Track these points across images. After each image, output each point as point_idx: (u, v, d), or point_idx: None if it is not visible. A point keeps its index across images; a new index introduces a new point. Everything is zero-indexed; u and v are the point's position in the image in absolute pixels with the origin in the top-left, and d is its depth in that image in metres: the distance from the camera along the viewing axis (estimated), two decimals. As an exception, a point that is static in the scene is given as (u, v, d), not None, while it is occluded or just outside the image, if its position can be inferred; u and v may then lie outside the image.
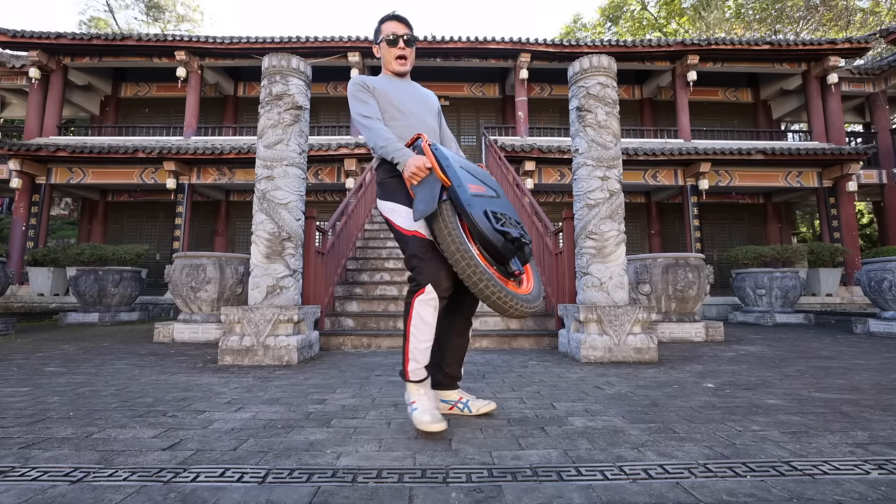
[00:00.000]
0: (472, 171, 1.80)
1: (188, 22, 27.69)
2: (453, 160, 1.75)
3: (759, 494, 1.18)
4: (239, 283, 5.32)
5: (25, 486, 1.22)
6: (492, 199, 1.72)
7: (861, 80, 11.74)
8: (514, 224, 1.67)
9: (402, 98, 2.01)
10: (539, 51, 10.82)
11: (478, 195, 1.68)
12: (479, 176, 1.80)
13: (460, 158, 1.83)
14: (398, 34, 1.99)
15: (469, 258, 1.61)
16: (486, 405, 1.95)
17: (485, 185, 1.76)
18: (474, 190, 1.68)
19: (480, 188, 1.72)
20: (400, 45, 2.00)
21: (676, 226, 12.19)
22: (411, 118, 2.00)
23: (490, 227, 1.61)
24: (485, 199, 1.69)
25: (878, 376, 2.90)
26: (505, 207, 1.73)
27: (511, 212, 1.74)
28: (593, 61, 4.00)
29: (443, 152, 1.77)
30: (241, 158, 9.74)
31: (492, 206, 1.68)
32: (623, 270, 3.84)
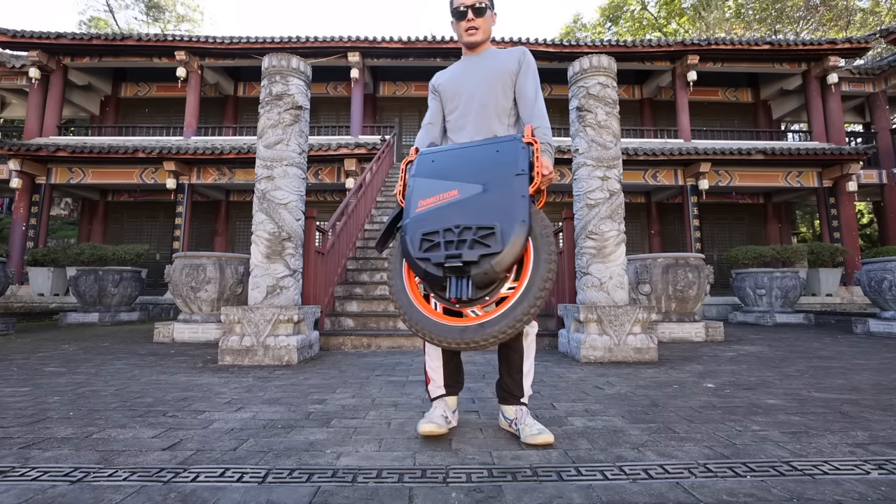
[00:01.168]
0: (452, 170, 1.57)
1: (188, 22, 27.70)
2: (429, 168, 1.59)
3: (759, 494, 1.18)
4: (239, 283, 5.32)
5: (25, 486, 1.22)
6: (453, 206, 1.47)
7: (861, 80, 11.74)
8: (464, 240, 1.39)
9: (463, 80, 1.88)
10: (539, 51, 10.81)
11: (427, 212, 1.48)
12: (459, 173, 1.54)
13: (451, 153, 1.62)
14: (466, 4, 1.82)
15: (393, 287, 1.54)
16: (541, 435, 1.57)
17: (458, 185, 1.50)
18: (427, 205, 1.50)
19: (441, 196, 1.50)
20: (469, 17, 1.82)
21: (676, 226, 12.19)
22: (463, 100, 1.86)
23: (412, 253, 1.44)
24: (440, 211, 1.47)
25: (878, 376, 2.90)
26: (479, 207, 1.44)
27: (494, 209, 1.42)
28: (593, 61, 4.00)
29: (422, 162, 1.64)
30: (241, 158, 9.74)
31: (442, 220, 1.44)
32: (623, 270, 3.84)
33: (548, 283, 1.38)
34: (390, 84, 12.70)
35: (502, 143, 1.56)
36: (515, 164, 1.47)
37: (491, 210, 1.42)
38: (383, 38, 10.64)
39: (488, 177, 1.48)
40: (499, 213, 1.40)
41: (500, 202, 1.42)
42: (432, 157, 1.64)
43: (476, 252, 1.35)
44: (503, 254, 1.34)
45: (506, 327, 1.35)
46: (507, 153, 1.51)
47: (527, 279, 1.40)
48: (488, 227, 1.38)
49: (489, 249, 1.35)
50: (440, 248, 1.40)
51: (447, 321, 1.43)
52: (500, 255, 1.34)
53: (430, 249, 1.41)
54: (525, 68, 1.85)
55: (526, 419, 1.67)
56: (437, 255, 1.39)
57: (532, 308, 1.35)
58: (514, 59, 1.85)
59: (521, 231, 1.36)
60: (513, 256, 1.36)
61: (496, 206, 1.42)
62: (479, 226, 1.39)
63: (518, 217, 1.38)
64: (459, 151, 1.61)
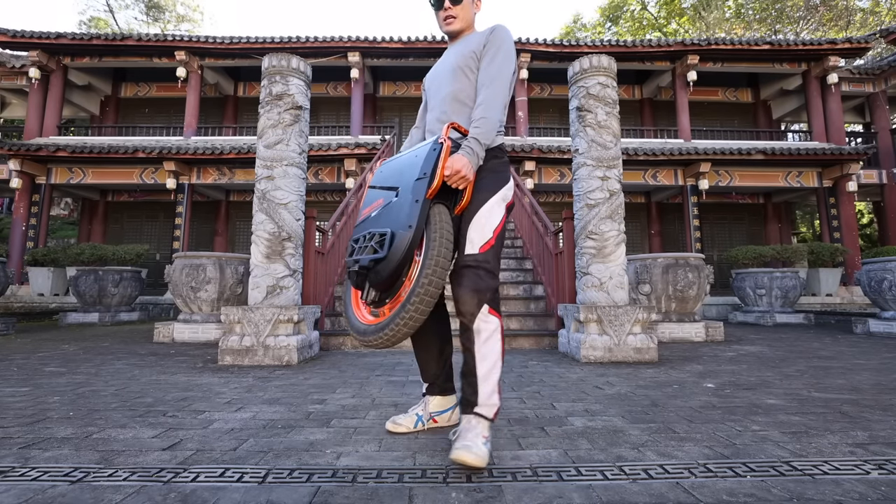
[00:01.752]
0: (386, 178, 1.61)
1: (188, 22, 27.70)
2: (378, 178, 1.66)
3: (759, 494, 1.18)
4: (239, 283, 5.32)
5: (25, 486, 1.22)
6: (377, 214, 1.53)
7: (861, 80, 11.74)
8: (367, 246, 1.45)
9: (436, 71, 1.79)
10: (539, 51, 10.81)
11: (363, 220, 1.57)
12: (391, 178, 1.59)
13: (393, 162, 1.66)
14: None
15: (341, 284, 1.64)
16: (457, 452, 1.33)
17: (384, 193, 1.56)
18: (365, 214, 1.58)
19: (374, 206, 1.56)
20: (446, 6, 1.70)
21: (676, 226, 12.19)
22: (432, 93, 1.78)
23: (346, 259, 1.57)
24: (369, 219, 1.54)
25: (878, 376, 2.90)
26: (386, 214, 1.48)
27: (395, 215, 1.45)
28: (593, 61, 4.00)
29: (377, 171, 1.68)
30: (241, 158, 9.74)
31: (370, 226, 1.51)
32: (623, 270, 3.84)
33: (424, 290, 1.36)
34: (390, 84, 12.70)
35: (422, 147, 1.56)
36: (418, 169, 1.48)
37: (391, 216, 1.46)
38: (383, 38, 10.64)
39: (401, 182, 1.51)
40: (394, 219, 1.44)
41: (399, 208, 1.45)
42: (382, 167, 1.69)
43: (368, 258, 1.42)
44: (387, 259, 1.38)
45: (389, 331, 1.38)
46: (419, 157, 1.52)
47: (412, 283, 1.41)
48: (382, 233, 1.43)
49: (377, 255, 1.40)
50: (353, 254, 1.51)
51: (363, 321, 1.52)
52: (384, 261, 1.38)
53: (349, 255, 1.53)
54: (489, 47, 1.63)
55: (465, 429, 1.42)
56: (349, 261, 1.51)
57: (408, 313, 1.35)
58: (482, 39, 1.66)
59: (404, 236, 1.37)
60: (396, 261, 1.37)
61: (395, 212, 1.46)
62: (378, 232, 1.45)
63: (405, 222, 1.39)
64: (398, 160, 1.64)
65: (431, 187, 1.43)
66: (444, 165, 1.46)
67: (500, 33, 1.65)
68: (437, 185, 1.44)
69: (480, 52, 1.64)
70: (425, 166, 1.46)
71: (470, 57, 1.65)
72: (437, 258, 1.39)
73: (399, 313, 1.38)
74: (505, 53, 1.62)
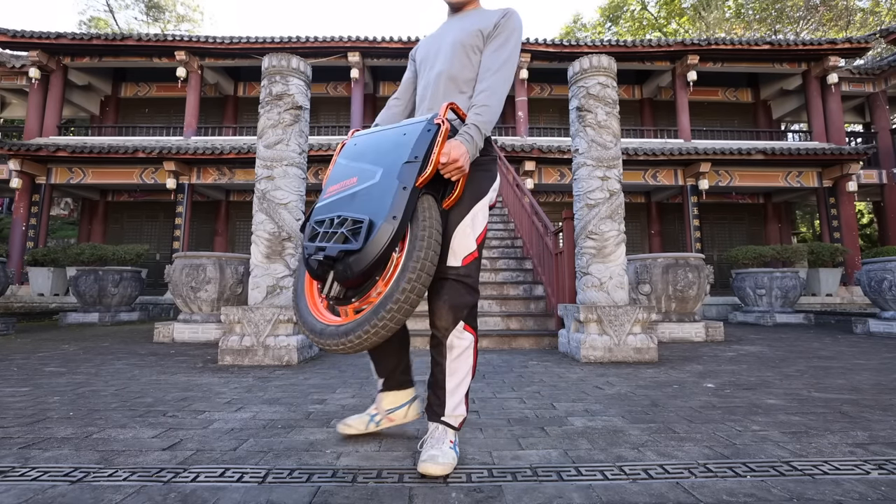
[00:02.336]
0: (362, 154, 1.41)
1: (188, 22, 27.70)
2: (349, 151, 1.46)
3: (759, 494, 1.18)
4: (239, 283, 5.32)
5: (25, 486, 1.22)
6: (348, 195, 1.32)
7: (861, 80, 11.74)
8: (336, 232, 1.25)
9: (434, 43, 1.61)
10: (539, 51, 10.82)
11: (329, 199, 1.35)
12: (365, 158, 1.39)
13: (371, 136, 1.46)
14: None
15: (296, 272, 1.43)
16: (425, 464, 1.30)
17: (360, 171, 1.36)
18: (332, 192, 1.36)
19: (344, 184, 1.36)
20: None
21: (676, 226, 12.19)
22: (426, 68, 1.61)
23: (303, 242, 1.34)
24: (338, 199, 1.33)
25: (878, 376, 2.90)
26: (364, 198, 1.29)
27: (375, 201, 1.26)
28: (593, 61, 4.00)
29: (349, 144, 1.49)
30: (241, 158, 9.74)
31: (339, 208, 1.31)
32: (623, 270, 3.84)
33: (404, 296, 1.19)
34: (390, 84, 12.69)
35: (412, 124, 1.37)
36: (409, 150, 1.29)
37: (371, 202, 1.26)
38: (383, 38, 10.64)
39: (385, 163, 1.32)
40: (375, 205, 1.24)
41: (381, 193, 1.26)
42: (357, 139, 1.48)
43: (338, 247, 1.21)
44: (361, 252, 1.19)
45: (355, 338, 1.21)
46: (409, 136, 1.33)
47: (389, 286, 1.23)
48: (359, 220, 1.23)
49: (349, 246, 1.20)
50: (316, 239, 1.29)
51: (319, 318, 1.33)
52: (357, 254, 1.19)
53: (311, 239, 1.30)
54: (501, 31, 1.49)
55: (432, 438, 1.39)
56: (310, 245, 1.28)
57: (381, 320, 1.19)
58: (492, 19, 1.50)
59: (386, 228, 1.19)
60: (371, 256, 1.19)
61: (377, 197, 1.26)
62: (353, 218, 1.24)
63: (388, 211, 1.20)
64: (378, 135, 1.44)
65: (423, 174, 1.27)
66: (440, 151, 1.29)
67: (515, 20, 1.50)
68: (430, 173, 1.28)
69: (489, 32, 1.49)
70: (417, 148, 1.28)
71: (476, 35, 1.49)
72: (423, 261, 1.23)
73: (370, 319, 1.20)
74: (516, 42, 1.49)
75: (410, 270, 1.21)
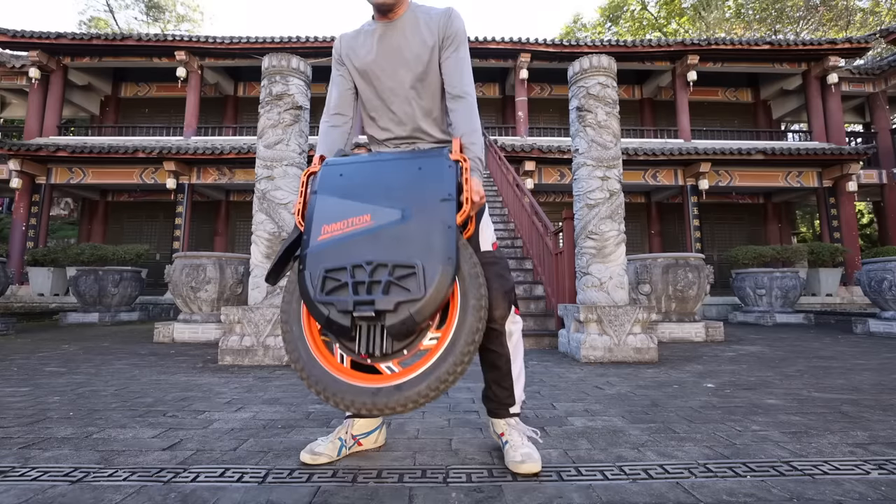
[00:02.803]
0: (364, 188, 1.27)
1: (188, 22, 27.71)
2: (336, 184, 1.29)
3: (759, 494, 1.18)
4: (239, 283, 5.32)
5: (25, 486, 1.22)
6: (365, 235, 1.19)
7: (861, 80, 11.75)
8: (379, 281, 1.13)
9: (376, 61, 1.45)
10: (539, 51, 10.82)
11: (332, 241, 1.20)
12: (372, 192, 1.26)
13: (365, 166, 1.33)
14: None
15: (288, 333, 1.26)
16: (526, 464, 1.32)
17: (372, 208, 1.23)
18: (332, 231, 1.21)
19: (351, 222, 1.22)
20: None
21: (676, 226, 12.19)
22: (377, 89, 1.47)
23: (311, 295, 1.16)
24: (348, 240, 1.20)
25: (878, 376, 2.90)
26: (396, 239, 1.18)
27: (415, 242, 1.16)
28: (593, 61, 4.00)
29: (327, 175, 1.32)
30: (241, 158, 9.74)
31: (362, 252, 1.17)
32: (623, 270, 3.84)
33: (477, 336, 1.17)
34: (390, 84, 12.69)
35: (426, 158, 1.30)
36: (441, 187, 1.23)
37: (411, 243, 1.16)
38: (383, 38, 10.64)
39: (408, 200, 1.22)
40: (420, 247, 1.16)
41: (421, 234, 1.17)
42: (340, 169, 1.33)
43: (393, 299, 1.11)
44: (425, 300, 1.11)
45: (427, 389, 1.13)
46: (430, 171, 1.26)
47: (452, 330, 1.17)
48: (407, 265, 1.13)
49: (408, 295, 1.11)
50: (347, 290, 1.14)
51: (356, 380, 1.19)
52: (421, 302, 1.11)
53: (334, 291, 1.15)
54: (453, 40, 1.41)
55: (513, 436, 1.43)
56: (344, 299, 1.13)
57: (459, 366, 1.14)
58: (434, 31, 1.41)
59: (446, 272, 1.13)
60: (436, 303, 1.12)
61: (417, 238, 1.17)
62: (397, 263, 1.14)
63: (443, 254, 1.14)
64: (374, 165, 1.32)
65: (462, 213, 1.22)
66: (472, 189, 1.25)
67: (460, 25, 1.42)
68: (468, 211, 1.23)
69: (438, 43, 1.42)
70: (448, 185, 1.23)
71: (430, 55, 1.42)
72: (479, 302, 1.19)
73: (443, 367, 1.13)
74: (467, 49, 1.45)
75: (475, 309, 1.18)
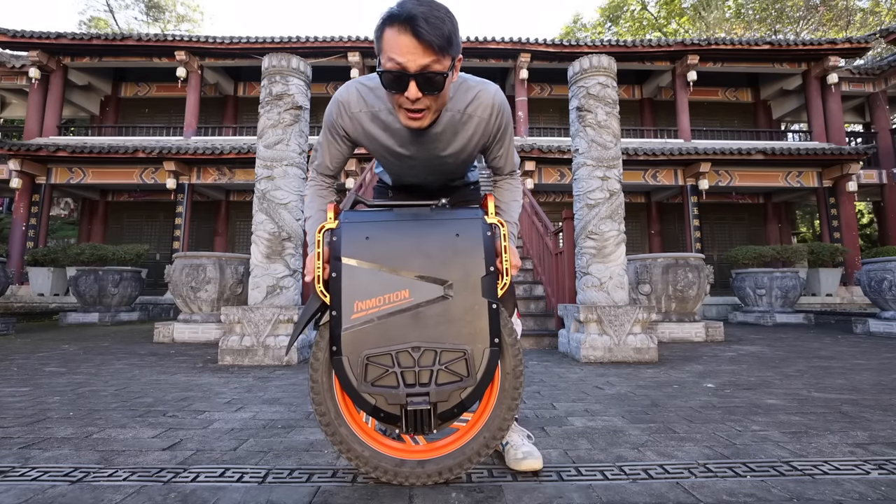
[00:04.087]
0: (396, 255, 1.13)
1: (188, 22, 27.71)
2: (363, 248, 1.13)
3: (759, 494, 1.18)
4: (239, 283, 5.32)
5: (25, 486, 1.22)
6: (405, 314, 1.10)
7: (861, 80, 11.74)
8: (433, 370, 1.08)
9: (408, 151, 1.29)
10: (539, 51, 10.82)
11: (370, 321, 1.09)
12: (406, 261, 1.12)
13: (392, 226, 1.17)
14: (409, 68, 1.02)
15: (316, 383, 1.19)
16: (527, 461, 1.31)
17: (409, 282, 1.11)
18: (368, 309, 1.10)
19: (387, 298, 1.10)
20: (410, 94, 1.05)
21: (676, 226, 12.19)
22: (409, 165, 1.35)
23: (353, 384, 1.09)
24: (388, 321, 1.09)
25: (878, 376, 2.90)
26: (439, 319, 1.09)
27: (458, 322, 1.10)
28: (593, 61, 4.00)
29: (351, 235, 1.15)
30: (241, 158, 9.74)
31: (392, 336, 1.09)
32: (623, 270, 3.84)
33: (513, 413, 1.16)
34: (390, 84, 12.69)
35: (462, 222, 1.17)
36: (482, 259, 1.13)
37: (456, 324, 1.10)
38: (383, 38, 10.63)
39: (448, 272, 1.12)
40: (466, 329, 1.10)
41: (466, 314, 1.10)
42: (365, 230, 1.16)
43: (447, 389, 1.08)
44: (476, 386, 1.09)
45: (454, 466, 1.13)
46: (469, 239, 1.14)
47: (490, 409, 1.17)
48: (456, 350, 1.08)
49: (459, 382, 1.08)
50: (396, 381, 1.08)
51: (382, 447, 1.18)
52: (471, 388, 1.09)
53: (379, 380, 1.09)
54: (500, 136, 1.31)
55: (513, 437, 1.39)
56: (395, 392, 1.08)
57: (488, 448, 1.14)
58: (481, 132, 1.26)
59: (494, 355, 1.11)
60: (485, 387, 1.11)
61: (462, 318, 1.10)
62: (445, 349, 1.08)
63: (491, 336, 1.10)
64: (404, 226, 1.17)
65: (502, 286, 1.16)
66: (511, 260, 1.18)
67: (508, 112, 1.28)
68: (508, 284, 1.17)
69: (486, 141, 1.30)
70: (489, 257, 1.13)
71: (476, 144, 1.29)
72: (517, 381, 1.18)
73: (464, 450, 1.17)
74: (511, 126, 1.33)
75: (511, 389, 1.18)
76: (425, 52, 1.01)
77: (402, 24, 0.99)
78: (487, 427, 1.17)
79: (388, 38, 1.02)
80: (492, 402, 1.19)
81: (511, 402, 1.17)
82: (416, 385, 1.09)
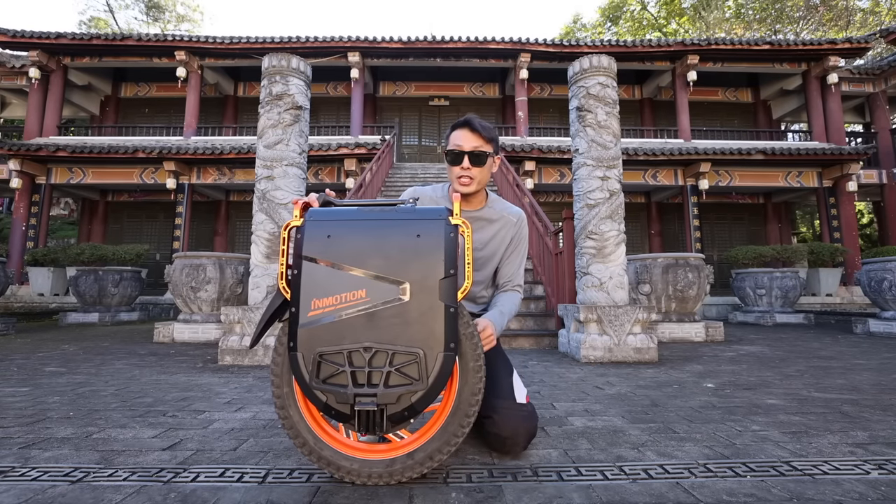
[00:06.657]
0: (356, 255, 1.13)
1: (188, 22, 27.71)
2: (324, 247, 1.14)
3: (759, 494, 1.18)
4: (239, 283, 5.32)
5: (25, 486, 1.22)
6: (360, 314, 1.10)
7: (861, 80, 11.74)
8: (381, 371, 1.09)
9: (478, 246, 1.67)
10: (539, 51, 10.82)
11: (324, 318, 1.10)
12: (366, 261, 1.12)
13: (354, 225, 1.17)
14: (463, 149, 1.56)
15: (286, 418, 1.22)
16: None
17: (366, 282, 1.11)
18: (324, 308, 1.10)
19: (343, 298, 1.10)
20: (464, 165, 1.56)
21: (676, 226, 12.19)
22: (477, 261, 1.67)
23: (305, 379, 1.11)
24: (342, 320, 1.10)
25: (878, 376, 2.90)
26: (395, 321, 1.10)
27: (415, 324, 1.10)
28: (593, 61, 4.00)
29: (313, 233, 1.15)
30: (241, 158, 9.74)
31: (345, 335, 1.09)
32: (623, 270, 3.83)
33: (479, 395, 1.19)
34: (390, 84, 12.70)
35: (424, 222, 1.16)
36: (442, 261, 1.11)
37: (411, 327, 1.09)
38: (383, 38, 10.64)
39: (405, 273, 1.11)
40: (421, 332, 1.09)
41: (422, 316, 1.09)
42: (328, 227, 1.16)
43: (395, 392, 1.09)
44: (427, 390, 1.09)
45: (436, 452, 1.18)
46: (430, 240, 1.13)
47: (455, 391, 1.20)
48: (409, 353, 1.09)
49: (410, 386, 1.08)
50: (346, 379, 1.09)
51: (368, 454, 1.20)
52: (423, 392, 1.09)
53: (330, 379, 1.10)
54: (517, 241, 1.71)
55: None
56: (343, 391, 1.09)
57: (464, 427, 1.19)
58: (509, 230, 1.70)
59: (448, 359, 1.10)
60: (438, 391, 1.11)
61: (417, 321, 1.09)
62: (397, 351, 1.09)
63: (446, 340, 1.10)
64: (366, 225, 1.16)
65: (462, 290, 1.14)
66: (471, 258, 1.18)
67: (526, 231, 1.73)
68: (468, 287, 1.16)
69: (507, 244, 1.71)
70: (449, 259, 1.11)
71: (504, 248, 1.70)
72: (477, 363, 1.20)
73: (443, 435, 1.19)
74: (526, 243, 1.74)
75: (475, 371, 1.20)
76: (475, 138, 1.57)
77: (463, 123, 1.60)
78: (457, 409, 1.19)
79: (454, 134, 1.60)
80: (456, 384, 1.21)
81: (475, 384, 1.19)
82: (366, 385, 1.10)
